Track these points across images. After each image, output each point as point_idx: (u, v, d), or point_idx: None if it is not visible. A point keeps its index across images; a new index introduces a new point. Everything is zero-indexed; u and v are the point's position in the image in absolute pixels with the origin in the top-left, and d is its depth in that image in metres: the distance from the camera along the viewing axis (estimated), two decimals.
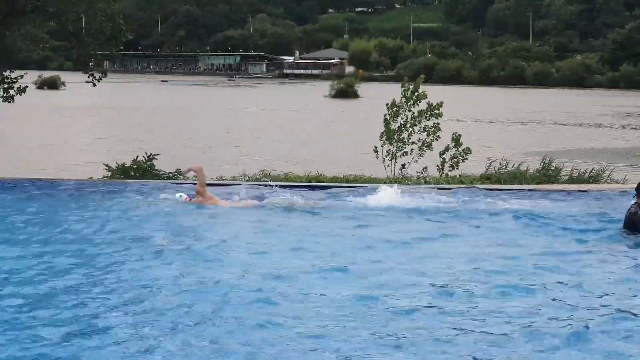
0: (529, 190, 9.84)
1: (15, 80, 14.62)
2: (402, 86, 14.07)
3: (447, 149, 13.40)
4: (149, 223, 7.75)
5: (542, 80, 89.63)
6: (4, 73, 14.23)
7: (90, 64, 15.33)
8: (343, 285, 5.26)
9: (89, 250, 6.42)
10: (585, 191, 9.88)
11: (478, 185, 10.47)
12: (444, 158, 13.39)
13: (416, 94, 13.72)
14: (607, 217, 7.79)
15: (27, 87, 15.15)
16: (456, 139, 13.43)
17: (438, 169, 13.28)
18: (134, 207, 8.75)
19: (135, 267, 5.94)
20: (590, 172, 12.76)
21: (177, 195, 9.51)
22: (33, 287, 5.18)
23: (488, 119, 44.41)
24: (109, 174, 12.47)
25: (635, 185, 7.27)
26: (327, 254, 6.32)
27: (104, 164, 13.22)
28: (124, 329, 4.21)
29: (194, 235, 7.21)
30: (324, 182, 11.73)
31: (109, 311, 4.66)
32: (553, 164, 13.36)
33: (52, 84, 35.18)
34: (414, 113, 13.74)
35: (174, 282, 5.43)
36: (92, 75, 14.84)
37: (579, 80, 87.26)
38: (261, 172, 13.03)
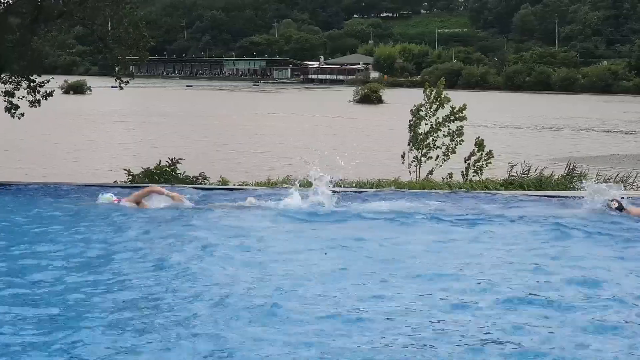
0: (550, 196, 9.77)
1: (42, 84, 15.09)
2: (424, 91, 14.21)
3: (472, 154, 13.48)
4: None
5: (568, 86, 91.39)
6: (31, 77, 14.70)
7: (117, 68, 15.73)
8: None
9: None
10: None
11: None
12: (468, 163, 13.49)
13: (439, 98, 13.84)
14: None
15: (53, 91, 15.69)
16: (479, 143, 13.48)
17: (462, 175, 13.35)
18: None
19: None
20: (615, 177, 12.79)
21: (108, 195, 9.41)
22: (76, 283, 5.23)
23: (515, 124, 44.67)
24: (131, 178, 12.84)
25: None
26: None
27: (124, 169, 13.81)
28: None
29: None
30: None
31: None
32: (578, 169, 13.38)
33: (78, 89, 36.62)
34: (437, 118, 13.88)
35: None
36: (119, 79, 15.24)
37: (605, 87, 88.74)
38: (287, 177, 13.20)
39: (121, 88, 15.60)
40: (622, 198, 8.29)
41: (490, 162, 13.45)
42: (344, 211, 8.37)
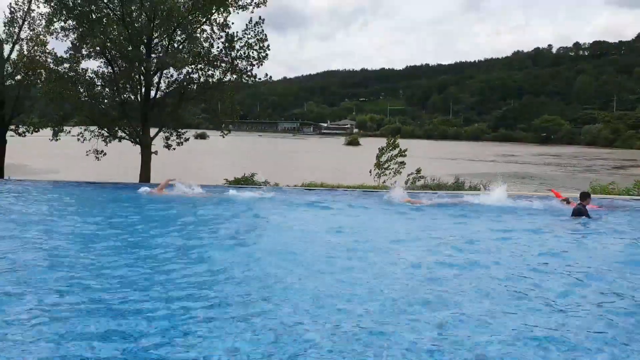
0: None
1: (183, 134, 25.73)
2: (387, 139, 25.45)
3: (410, 174, 24.52)
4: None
5: (457, 137, 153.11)
6: (179, 130, 25.93)
7: (222, 126, 26.31)
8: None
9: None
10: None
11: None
12: (409, 178, 24.47)
13: (394, 143, 25.16)
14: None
15: (189, 138, 25.92)
16: (417, 170, 24.60)
17: (405, 183, 24.35)
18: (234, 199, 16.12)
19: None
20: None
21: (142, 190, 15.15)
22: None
23: (433, 156, 66.24)
24: (228, 182, 23.87)
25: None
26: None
27: (224, 178, 23.96)
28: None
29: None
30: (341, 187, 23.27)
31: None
32: (461, 179, 24.42)
33: (202, 136, 53.53)
34: (391, 154, 25.01)
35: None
36: (223, 132, 26.50)
37: (476, 137, 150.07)
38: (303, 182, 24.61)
39: (223, 137, 26.94)
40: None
41: (420, 180, 24.49)
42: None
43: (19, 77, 27.12)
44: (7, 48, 27.06)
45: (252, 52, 24.04)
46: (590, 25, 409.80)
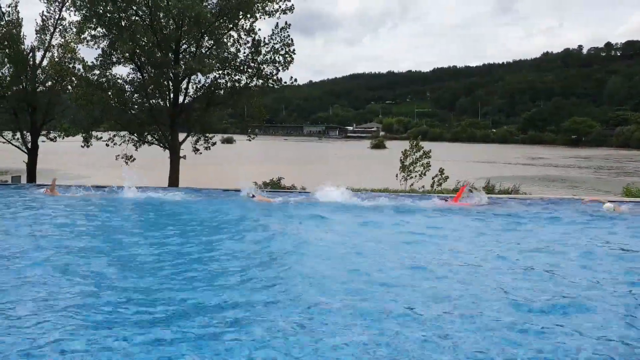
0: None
1: (210, 138, 26.15)
2: (409, 142, 25.49)
3: (435, 176, 24.49)
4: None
5: (485, 139, 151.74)
6: (206, 135, 26.27)
7: (249, 130, 26.68)
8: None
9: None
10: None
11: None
12: (434, 180, 24.43)
13: (417, 146, 25.11)
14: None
15: (216, 142, 26.37)
16: (440, 171, 24.55)
17: (431, 187, 24.29)
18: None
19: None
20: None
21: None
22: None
23: (459, 159, 67.09)
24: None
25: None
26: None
27: (253, 182, 24.71)
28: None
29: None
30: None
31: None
32: (492, 183, 24.22)
33: (229, 140, 55.59)
34: (415, 156, 24.99)
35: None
36: (249, 136, 26.80)
37: (504, 140, 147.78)
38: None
39: (249, 141, 27.26)
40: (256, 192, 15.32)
41: (446, 181, 24.42)
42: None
43: (50, 83, 27.77)
44: (38, 55, 27.76)
45: (278, 57, 24.22)
46: (622, 25, 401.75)
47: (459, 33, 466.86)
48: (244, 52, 24.47)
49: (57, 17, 27.52)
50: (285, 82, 25.15)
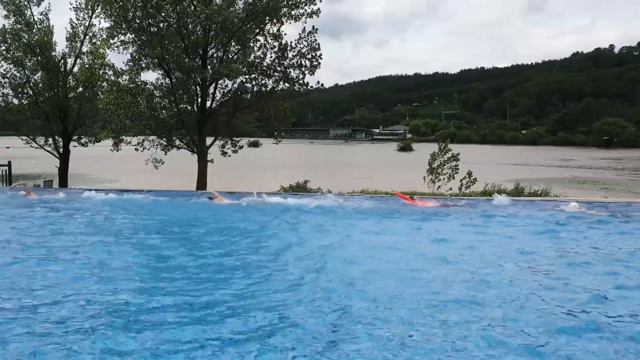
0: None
1: (237, 142, 26.28)
2: (438, 145, 25.22)
3: (463, 178, 24.16)
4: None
5: (514, 141, 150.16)
6: (233, 138, 26.47)
7: (275, 133, 26.84)
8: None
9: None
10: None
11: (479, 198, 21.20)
12: (462, 183, 24.11)
13: (445, 148, 24.82)
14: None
15: (242, 146, 26.45)
16: (469, 173, 24.24)
17: (459, 189, 23.99)
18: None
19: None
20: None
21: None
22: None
23: (488, 162, 66.11)
24: (282, 189, 24.13)
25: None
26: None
27: (280, 185, 24.69)
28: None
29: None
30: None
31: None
32: (521, 185, 23.77)
33: (255, 144, 56.78)
34: (443, 158, 24.69)
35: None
36: (275, 139, 26.87)
37: (533, 142, 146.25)
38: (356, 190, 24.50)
39: (276, 144, 27.34)
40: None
41: (474, 183, 24.07)
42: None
43: (80, 89, 28.31)
44: (69, 62, 28.33)
45: (305, 61, 24.27)
46: None
47: (488, 33, 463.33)
48: (271, 57, 24.57)
49: (86, 24, 28.07)
50: (312, 86, 25.19)
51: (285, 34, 24.34)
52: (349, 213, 14.03)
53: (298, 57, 24.24)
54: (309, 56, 24.19)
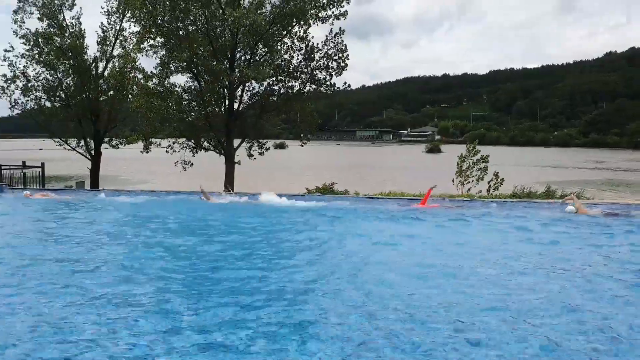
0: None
1: (264, 144, 26.36)
2: (466, 146, 24.93)
3: (491, 180, 23.83)
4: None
5: (544, 143, 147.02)
6: (260, 140, 26.59)
7: (301, 135, 27.05)
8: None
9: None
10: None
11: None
12: (490, 185, 23.77)
13: (474, 150, 24.52)
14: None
15: (269, 148, 26.57)
16: (496, 174, 23.90)
17: (487, 191, 23.65)
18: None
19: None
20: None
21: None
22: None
23: (517, 164, 66.60)
24: (307, 191, 24.09)
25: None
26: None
27: (305, 188, 24.65)
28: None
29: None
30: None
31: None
32: (553, 188, 23.35)
33: (282, 146, 56.48)
34: (473, 161, 24.37)
35: None
36: (301, 141, 26.89)
37: (564, 143, 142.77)
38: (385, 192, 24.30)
39: (302, 146, 27.36)
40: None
41: (501, 184, 23.68)
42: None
43: (111, 92, 28.80)
44: (100, 65, 28.84)
45: (332, 63, 24.28)
46: None
47: (518, 33, 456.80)
48: (297, 59, 24.67)
49: (117, 28, 28.55)
50: (339, 88, 25.18)
51: (312, 37, 24.42)
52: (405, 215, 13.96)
53: (325, 58, 24.28)
54: (336, 57, 24.22)
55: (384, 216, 13.79)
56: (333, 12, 23.64)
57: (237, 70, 23.57)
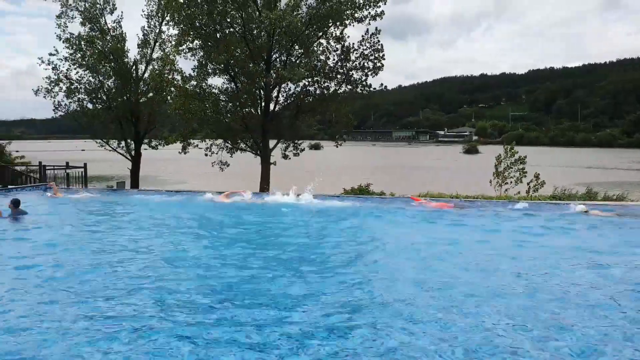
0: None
1: (299, 144, 26.60)
2: (504, 147, 24.53)
3: (530, 181, 23.39)
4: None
5: (585, 144, 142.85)
6: (295, 141, 26.73)
7: (337, 136, 27.12)
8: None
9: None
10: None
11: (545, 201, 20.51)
12: (529, 186, 23.34)
13: (511, 151, 24.12)
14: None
15: (304, 148, 26.76)
16: (536, 175, 23.46)
17: (526, 192, 23.23)
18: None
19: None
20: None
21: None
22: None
23: (556, 165, 66.45)
24: (343, 192, 24.12)
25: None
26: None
27: (343, 188, 24.74)
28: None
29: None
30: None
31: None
32: (594, 190, 22.77)
33: (317, 147, 57.60)
34: (511, 162, 23.96)
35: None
36: (336, 142, 26.94)
37: (606, 144, 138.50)
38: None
39: (337, 147, 27.40)
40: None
41: (542, 187, 23.24)
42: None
43: (151, 94, 29.36)
44: (141, 68, 29.42)
45: (367, 63, 24.24)
46: None
47: (559, 32, 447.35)
48: (333, 59, 24.71)
49: (157, 31, 29.09)
50: (374, 88, 25.11)
51: (348, 37, 24.40)
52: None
53: (360, 58, 24.25)
54: (372, 57, 24.17)
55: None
56: (369, 13, 23.62)
57: (273, 71, 23.75)
